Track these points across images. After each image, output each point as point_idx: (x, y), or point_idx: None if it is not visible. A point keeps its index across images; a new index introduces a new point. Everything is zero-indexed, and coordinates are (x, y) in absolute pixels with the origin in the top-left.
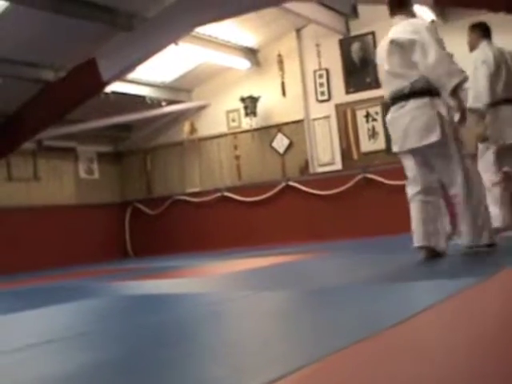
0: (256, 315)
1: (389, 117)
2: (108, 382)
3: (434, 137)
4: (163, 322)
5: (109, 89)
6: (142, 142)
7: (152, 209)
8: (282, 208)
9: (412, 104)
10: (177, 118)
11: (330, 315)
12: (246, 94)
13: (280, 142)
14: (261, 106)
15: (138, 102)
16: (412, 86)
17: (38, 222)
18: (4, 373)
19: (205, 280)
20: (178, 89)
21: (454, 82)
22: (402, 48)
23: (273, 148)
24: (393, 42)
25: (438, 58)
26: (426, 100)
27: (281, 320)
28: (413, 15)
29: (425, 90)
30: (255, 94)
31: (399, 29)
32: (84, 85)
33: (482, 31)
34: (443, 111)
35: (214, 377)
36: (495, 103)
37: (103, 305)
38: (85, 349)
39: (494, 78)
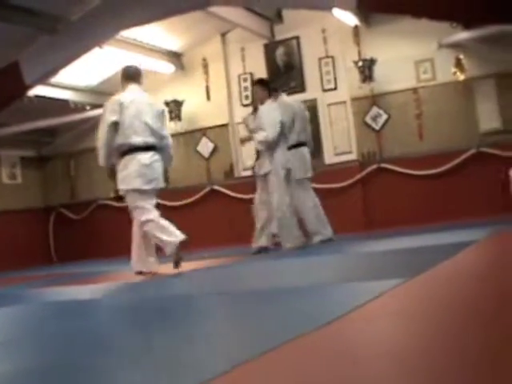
0: (176, 317)
1: None
2: None
3: None
4: (85, 328)
5: (32, 92)
6: (65, 147)
7: (76, 213)
8: (207, 212)
9: None
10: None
11: (252, 318)
12: (170, 98)
13: (205, 146)
14: (185, 110)
15: (61, 105)
16: None
17: None
18: None
19: (127, 285)
20: (103, 92)
21: None
22: None
23: (198, 152)
24: None
25: None
26: None
27: (202, 324)
28: None
29: None
30: (180, 98)
31: None
32: (6, 88)
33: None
34: None
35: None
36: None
37: (24, 312)
38: (2, 358)
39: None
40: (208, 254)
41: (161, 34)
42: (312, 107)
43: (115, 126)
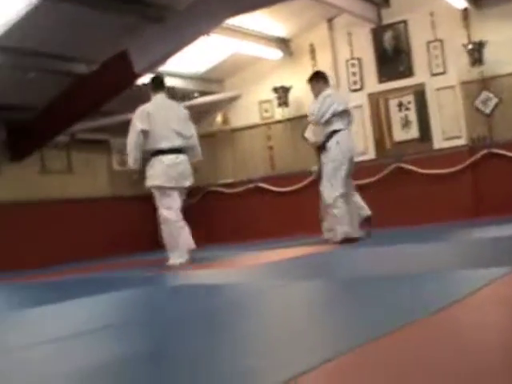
0: (292, 305)
1: None
2: (143, 372)
3: None
4: (200, 312)
5: (141, 81)
6: None
7: (185, 200)
8: (316, 197)
9: None
10: (209, 110)
11: (365, 305)
12: (278, 84)
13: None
14: (293, 96)
15: (170, 93)
16: None
17: (72, 215)
18: (35, 365)
19: (239, 271)
20: (210, 80)
21: None
22: None
23: (304, 138)
24: None
25: None
26: None
27: (317, 309)
28: None
29: None
30: (287, 84)
31: None
32: (116, 77)
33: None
34: None
35: (250, 367)
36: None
37: (140, 296)
38: (120, 340)
39: None
40: (311, 241)
41: (267, 20)
42: (420, 92)
43: (144, 134)
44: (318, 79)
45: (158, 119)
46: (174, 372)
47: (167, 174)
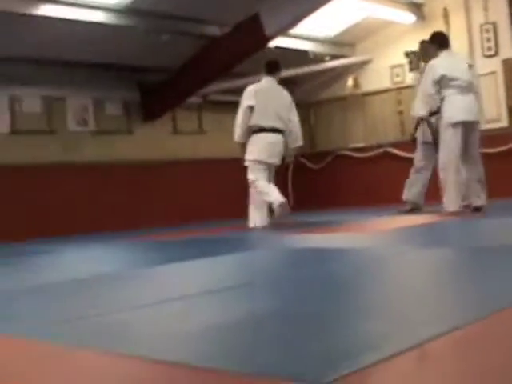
0: (416, 271)
1: None
2: (272, 330)
3: None
4: (325, 275)
5: (272, 44)
6: (305, 97)
7: (315, 163)
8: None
9: None
10: (340, 73)
11: (491, 275)
12: (410, 49)
13: None
14: None
15: (301, 56)
16: None
17: (202, 175)
18: (168, 320)
19: (366, 235)
20: (342, 43)
21: None
22: None
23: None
24: None
25: None
26: None
27: (443, 277)
28: None
29: None
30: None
31: None
32: (248, 40)
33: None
34: None
35: (375, 331)
36: None
37: (265, 257)
38: (248, 299)
39: None
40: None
41: None
42: None
43: (250, 110)
44: (430, 42)
45: (262, 99)
46: (306, 331)
47: (267, 151)
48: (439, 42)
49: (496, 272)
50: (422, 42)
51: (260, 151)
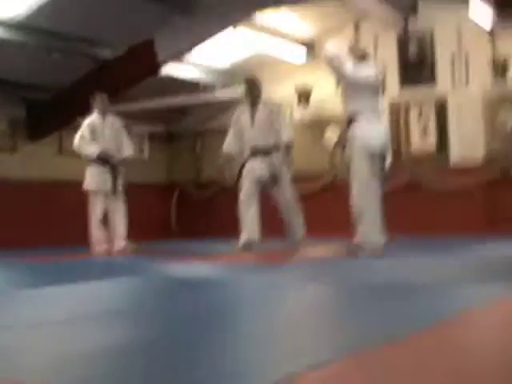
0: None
1: None
2: (136, 361)
3: None
4: (203, 304)
5: (164, 70)
6: (194, 125)
7: (199, 192)
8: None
9: None
10: (230, 104)
11: (368, 312)
12: (300, 86)
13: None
14: (314, 99)
15: (192, 85)
16: None
17: (84, 200)
18: (30, 347)
19: (240, 266)
20: (234, 74)
21: None
22: None
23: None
24: None
25: None
26: None
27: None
28: None
29: None
30: (309, 86)
31: None
32: (140, 64)
33: None
34: None
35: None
36: None
37: (144, 284)
38: (119, 326)
39: None
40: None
41: (294, 20)
42: (442, 102)
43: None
44: None
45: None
46: (172, 362)
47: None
48: None
49: (371, 309)
50: None
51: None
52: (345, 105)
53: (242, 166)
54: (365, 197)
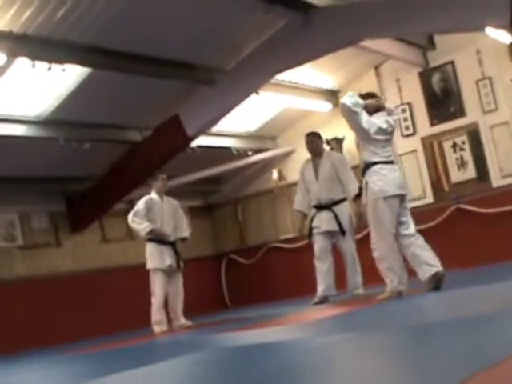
0: (364, 357)
1: None
2: None
3: None
4: (271, 371)
5: (194, 143)
6: (231, 193)
7: (247, 258)
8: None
9: None
10: (264, 167)
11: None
12: (330, 136)
13: None
14: (347, 147)
15: (224, 153)
16: None
17: (135, 281)
18: None
19: (303, 326)
20: (263, 137)
21: None
22: None
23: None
24: None
25: None
26: None
27: (388, 359)
28: None
29: None
30: (340, 135)
31: None
32: (170, 141)
33: None
34: None
35: None
36: None
37: (210, 358)
38: None
39: None
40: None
41: (315, 73)
42: (474, 131)
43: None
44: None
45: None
46: None
47: None
48: None
49: (440, 349)
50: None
51: None
52: (360, 153)
53: (311, 220)
54: (381, 245)
